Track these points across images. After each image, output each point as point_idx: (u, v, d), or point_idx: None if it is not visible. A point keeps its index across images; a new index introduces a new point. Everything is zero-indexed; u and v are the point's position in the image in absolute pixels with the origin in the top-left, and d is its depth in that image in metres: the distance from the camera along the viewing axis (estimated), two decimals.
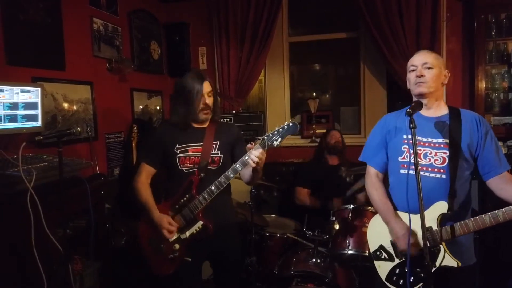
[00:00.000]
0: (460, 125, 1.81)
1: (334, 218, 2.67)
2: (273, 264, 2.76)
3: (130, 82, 3.71)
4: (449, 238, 1.73)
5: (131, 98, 3.76)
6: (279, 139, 1.89)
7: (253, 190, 3.01)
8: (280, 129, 1.91)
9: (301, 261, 2.61)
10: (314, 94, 4.54)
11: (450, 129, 1.81)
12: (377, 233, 1.97)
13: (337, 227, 2.62)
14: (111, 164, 3.41)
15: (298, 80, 4.82)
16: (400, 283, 1.84)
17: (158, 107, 4.22)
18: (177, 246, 2.11)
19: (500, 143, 3.53)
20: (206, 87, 2.13)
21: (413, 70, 1.87)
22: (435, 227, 1.75)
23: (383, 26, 3.77)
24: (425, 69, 1.82)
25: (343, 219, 2.63)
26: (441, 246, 1.73)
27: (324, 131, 4.39)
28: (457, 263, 1.70)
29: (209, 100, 2.15)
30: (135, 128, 3.41)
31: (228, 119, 3.87)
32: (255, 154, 1.90)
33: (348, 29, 4.35)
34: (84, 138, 3.09)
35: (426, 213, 1.66)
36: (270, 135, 1.91)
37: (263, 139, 1.92)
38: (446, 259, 1.72)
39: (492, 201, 1.89)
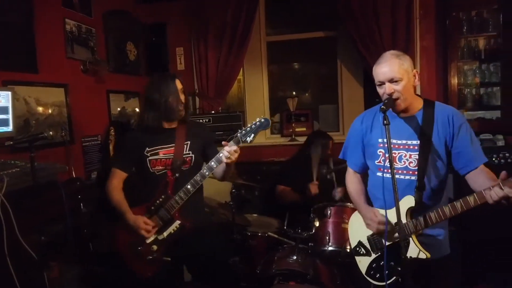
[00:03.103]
0: (433, 123, 1.80)
1: (314, 216, 2.69)
2: (257, 264, 2.76)
3: (106, 84, 3.65)
4: (419, 230, 1.75)
5: (108, 100, 3.70)
6: (252, 135, 1.96)
7: (233, 190, 3.01)
8: (253, 125, 1.97)
9: (282, 260, 2.61)
10: (294, 93, 4.57)
11: (422, 128, 1.80)
12: (356, 230, 2.03)
13: (317, 224, 2.64)
14: (88, 168, 3.34)
15: (278, 79, 4.83)
16: (377, 276, 1.88)
17: (136, 109, 4.16)
18: (155, 247, 2.13)
19: None
20: (179, 84, 2.20)
21: (380, 84, 1.80)
22: (404, 221, 1.77)
23: (359, 24, 3.82)
24: (393, 85, 1.75)
25: (323, 216, 2.65)
26: (410, 239, 1.75)
27: (304, 129, 4.46)
28: (427, 255, 1.72)
29: (182, 97, 2.19)
30: (112, 130, 3.35)
31: (207, 120, 3.85)
32: (228, 150, 1.96)
33: (326, 28, 4.39)
34: (60, 142, 3.02)
35: (394, 208, 1.67)
36: (243, 131, 1.97)
37: (237, 135, 1.98)
38: (416, 251, 1.73)
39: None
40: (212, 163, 2.05)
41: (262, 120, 1.98)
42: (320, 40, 4.47)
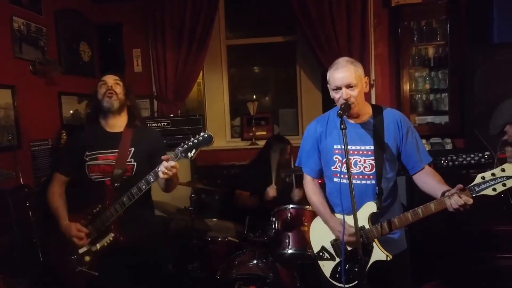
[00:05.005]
0: (383, 128, 1.90)
1: (274, 219, 2.70)
2: (217, 269, 2.73)
3: (57, 86, 3.49)
4: (381, 235, 1.84)
5: (59, 103, 3.53)
6: (193, 150, 1.85)
7: (193, 195, 2.96)
8: (195, 141, 1.86)
9: (242, 264, 2.61)
10: (254, 96, 4.58)
11: (374, 133, 1.89)
12: (318, 236, 2.05)
13: (277, 227, 2.65)
14: (37, 174, 3.17)
15: (238, 83, 4.83)
16: (343, 279, 1.91)
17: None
18: (87, 258, 2.02)
19: (424, 141, 3.87)
20: (110, 76, 2.14)
21: (336, 89, 1.85)
22: (367, 226, 1.85)
23: (317, 30, 3.90)
24: (349, 90, 1.81)
25: (282, 219, 2.67)
26: (374, 243, 1.84)
27: (264, 133, 4.48)
28: (388, 256, 1.81)
29: (116, 88, 2.10)
30: (64, 134, 3.21)
31: (165, 123, 3.77)
32: (166, 166, 1.84)
33: (285, 33, 4.45)
34: (6, 146, 2.85)
35: (357, 213, 1.76)
36: (185, 146, 1.86)
37: (177, 150, 1.87)
38: (379, 254, 1.83)
39: (419, 196, 2.01)
40: (150, 176, 1.94)
41: (205, 135, 1.85)
42: (280, 45, 4.52)
